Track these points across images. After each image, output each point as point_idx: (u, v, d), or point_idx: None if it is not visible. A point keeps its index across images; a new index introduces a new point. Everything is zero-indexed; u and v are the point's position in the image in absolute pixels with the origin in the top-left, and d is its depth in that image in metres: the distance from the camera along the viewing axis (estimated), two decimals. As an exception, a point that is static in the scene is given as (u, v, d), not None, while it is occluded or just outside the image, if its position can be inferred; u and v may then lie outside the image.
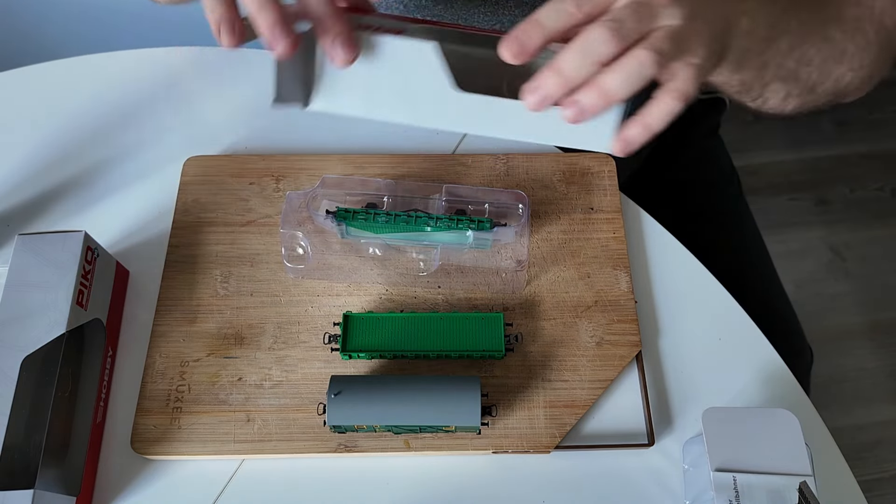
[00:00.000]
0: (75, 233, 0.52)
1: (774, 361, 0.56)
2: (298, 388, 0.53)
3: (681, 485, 0.51)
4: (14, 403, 0.46)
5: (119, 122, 0.66)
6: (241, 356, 0.55)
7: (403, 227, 0.54)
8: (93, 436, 0.51)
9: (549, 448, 0.51)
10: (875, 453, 1.25)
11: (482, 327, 0.54)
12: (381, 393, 0.49)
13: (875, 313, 1.38)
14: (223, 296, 0.57)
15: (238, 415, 0.52)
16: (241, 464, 0.52)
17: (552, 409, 0.53)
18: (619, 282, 0.57)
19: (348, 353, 0.54)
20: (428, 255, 0.56)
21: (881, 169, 1.56)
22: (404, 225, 0.54)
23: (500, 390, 0.53)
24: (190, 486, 0.51)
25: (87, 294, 0.51)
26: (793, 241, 1.47)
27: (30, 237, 0.52)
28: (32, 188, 0.63)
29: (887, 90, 1.82)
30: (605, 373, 0.54)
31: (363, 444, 0.51)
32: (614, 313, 0.56)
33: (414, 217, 0.54)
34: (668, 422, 0.53)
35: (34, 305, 0.49)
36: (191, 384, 0.53)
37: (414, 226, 0.54)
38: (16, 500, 0.43)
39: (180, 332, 0.55)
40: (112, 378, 0.55)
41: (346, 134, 0.66)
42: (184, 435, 0.52)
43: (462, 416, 0.49)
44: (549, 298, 0.57)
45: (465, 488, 0.51)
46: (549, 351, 0.55)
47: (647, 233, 0.61)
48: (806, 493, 0.41)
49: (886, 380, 1.32)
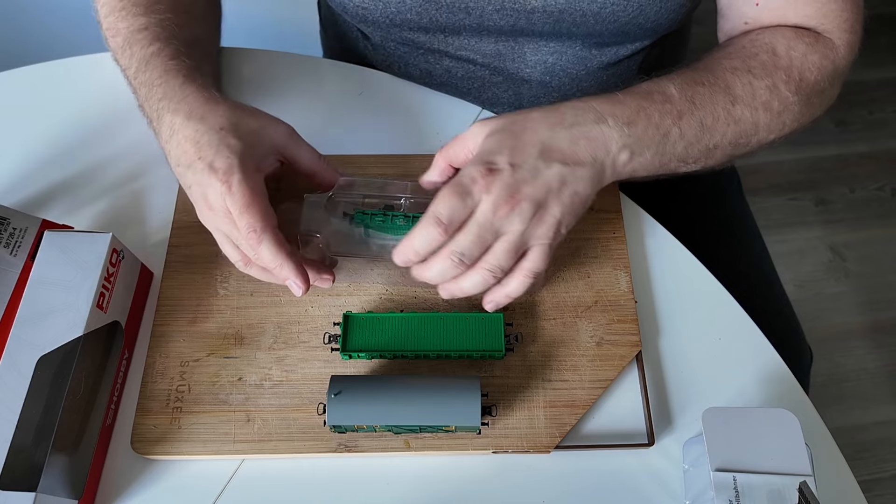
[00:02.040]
0: (103, 234, 0.52)
1: (774, 361, 0.56)
2: (298, 388, 0.53)
3: (681, 485, 0.51)
4: (26, 402, 0.46)
5: (119, 121, 0.66)
6: (241, 356, 0.55)
7: None
8: (101, 439, 0.51)
9: (549, 448, 0.51)
10: (875, 453, 1.25)
11: (482, 327, 0.54)
12: (381, 393, 0.49)
13: (875, 313, 1.39)
14: (223, 296, 0.57)
15: (238, 415, 0.52)
16: (240, 464, 0.52)
17: (552, 409, 0.53)
18: (619, 282, 0.57)
19: (348, 353, 0.54)
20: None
21: (881, 169, 1.56)
22: None
23: (501, 390, 0.53)
24: (191, 487, 0.51)
25: (108, 297, 0.51)
26: (793, 241, 1.47)
27: (58, 234, 0.52)
28: (32, 186, 0.63)
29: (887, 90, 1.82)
30: (605, 373, 0.54)
31: (363, 444, 0.51)
32: (614, 313, 0.56)
33: None
34: (668, 422, 0.53)
35: (55, 304, 0.49)
36: (191, 384, 0.53)
37: None
38: (17, 501, 0.43)
39: (180, 332, 0.55)
40: (126, 381, 0.55)
41: (346, 134, 0.66)
42: (184, 435, 0.52)
43: (462, 417, 0.49)
44: (549, 298, 0.57)
45: (464, 488, 0.51)
46: (549, 351, 0.55)
47: (648, 233, 0.61)
48: (806, 493, 0.41)
49: (886, 380, 1.32)
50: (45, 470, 0.45)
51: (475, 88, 0.74)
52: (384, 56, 0.75)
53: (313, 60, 0.72)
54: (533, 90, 0.73)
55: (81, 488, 0.49)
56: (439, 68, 0.73)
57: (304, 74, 0.70)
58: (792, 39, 0.56)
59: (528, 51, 0.69)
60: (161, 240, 0.60)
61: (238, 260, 0.52)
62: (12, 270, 0.52)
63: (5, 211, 0.53)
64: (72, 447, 0.48)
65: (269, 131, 0.53)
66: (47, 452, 0.45)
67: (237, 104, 0.53)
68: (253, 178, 0.50)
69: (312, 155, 0.55)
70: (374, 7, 0.65)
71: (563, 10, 0.62)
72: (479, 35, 0.68)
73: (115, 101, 0.67)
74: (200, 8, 0.63)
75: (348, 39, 0.79)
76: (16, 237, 0.52)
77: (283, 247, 0.50)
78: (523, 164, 0.47)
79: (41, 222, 0.54)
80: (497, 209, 0.46)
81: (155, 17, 0.58)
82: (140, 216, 0.62)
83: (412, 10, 0.64)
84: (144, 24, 0.58)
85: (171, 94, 0.52)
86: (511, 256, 0.47)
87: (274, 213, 0.50)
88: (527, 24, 0.65)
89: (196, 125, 0.50)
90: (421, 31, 0.68)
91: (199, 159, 0.49)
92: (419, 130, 0.66)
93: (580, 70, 0.70)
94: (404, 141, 0.66)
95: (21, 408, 0.45)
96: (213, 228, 0.52)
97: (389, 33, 0.70)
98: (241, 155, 0.50)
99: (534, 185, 0.47)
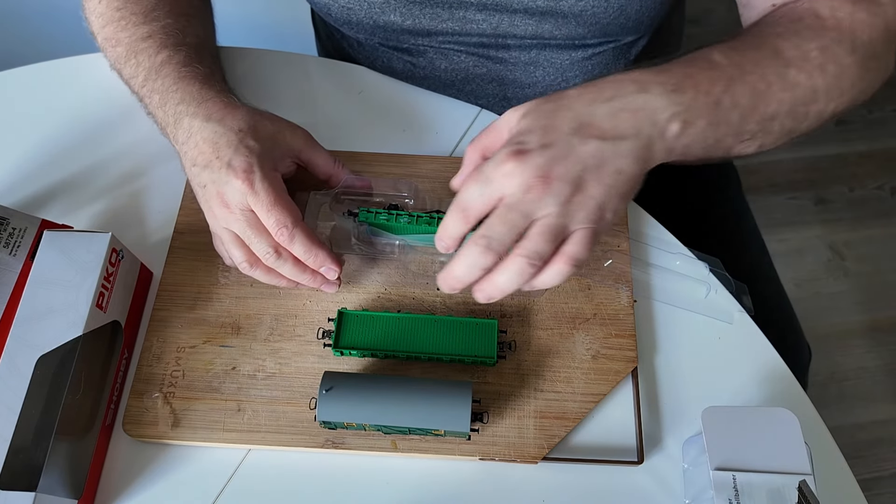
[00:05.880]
0: (102, 234, 0.52)
1: (774, 360, 0.56)
2: (291, 382, 0.53)
3: (681, 485, 0.51)
4: (26, 402, 0.46)
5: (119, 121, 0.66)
6: (236, 346, 0.55)
7: (426, 227, 0.54)
8: (100, 438, 0.51)
9: (536, 459, 0.51)
10: (874, 452, 1.25)
11: (475, 333, 0.54)
12: (373, 392, 0.49)
13: (874, 312, 1.38)
14: (223, 284, 0.57)
15: (229, 404, 0.52)
16: (237, 468, 0.52)
17: (542, 419, 0.52)
18: (620, 295, 0.57)
19: (340, 350, 0.54)
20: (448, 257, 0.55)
21: (881, 168, 1.56)
22: (426, 226, 0.54)
23: (492, 397, 0.53)
24: (191, 487, 0.51)
25: (107, 296, 0.51)
26: (792, 240, 1.47)
27: (57, 234, 0.52)
28: (32, 186, 0.63)
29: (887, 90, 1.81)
30: (599, 387, 0.53)
31: (350, 442, 0.51)
32: (612, 327, 0.56)
33: (437, 218, 0.54)
34: (668, 422, 0.53)
35: (55, 304, 0.49)
36: (185, 370, 0.54)
37: (436, 227, 0.54)
38: (17, 501, 0.43)
39: (179, 317, 0.56)
40: (125, 380, 0.55)
41: (346, 134, 0.66)
42: (175, 420, 0.52)
43: (452, 421, 0.48)
44: (547, 308, 0.56)
45: (449, 493, 0.51)
46: (543, 361, 0.54)
47: (647, 232, 0.61)
48: (805, 492, 0.41)
49: (886, 378, 1.32)
50: (45, 469, 0.45)
51: (458, 80, 0.74)
52: (368, 52, 0.75)
53: (309, 59, 0.71)
54: (517, 81, 0.73)
55: (81, 487, 0.49)
56: (423, 61, 0.73)
57: (299, 73, 0.70)
58: (834, 0, 0.51)
59: (511, 43, 0.69)
60: (160, 239, 0.60)
61: (243, 261, 0.52)
62: (12, 270, 0.52)
63: (5, 211, 0.53)
64: (71, 446, 0.48)
65: (286, 135, 0.54)
66: (47, 452, 0.45)
67: (255, 109, 0.54)
68: (272, 176, 0.51)
69: (328, 159, 0.56)
70: (358, 8, 0.65)
71: (545, 13, 0.63)
72: (462, 34, 0.68)
73: (115, 101, 0.66)
74: (196, 9, 0.63)
75: (334, 38, 0.80)
76: (15, 237, 0.52)
77: (314, 238, 0.51)
78: (556, 141, 0.43)
79: (41, 222, 0.54)
80: (528, 190, 0.42)
81: (156, 25, 0.58)
82: (140, 216, 0.62)
83: (396, 11, 0.65)
84: (147, 32, 0.58)
85: (190, 98, 0.53)
86: (549, 241, 0.42)
87: (297, 208, 0.51)
88: (509, 26, 0.65)
89: (215, 127, 0.51)
90: (405, 33, 0.68)
91: (216, 158, 0.50)
92: (419, 130, 0.66)
93: (564, 60, 0.70)
94: (404, 141, 0.66)
95: (21, 407, 0.45)
96: (222, 229, 0.52)
97: (373, 34, 0.70)
98: (260, 155, 0.51)
99: (568, 164, 0.42)
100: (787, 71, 0.48)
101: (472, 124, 0.67)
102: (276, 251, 0.51)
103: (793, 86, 0.48)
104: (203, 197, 0.52)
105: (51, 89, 0.69)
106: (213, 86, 0.55)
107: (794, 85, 0.48)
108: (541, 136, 0.43)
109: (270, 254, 0.51)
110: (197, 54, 0.58)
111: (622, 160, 0.43)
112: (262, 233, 0.50)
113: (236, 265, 0.53)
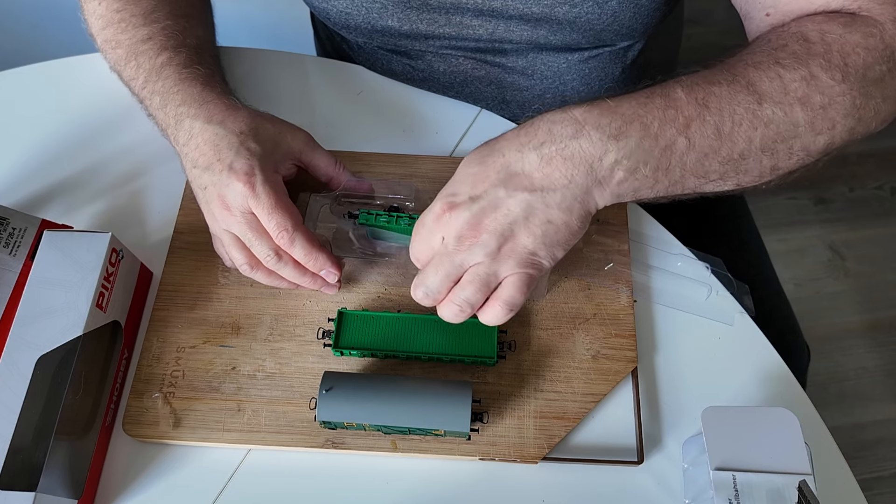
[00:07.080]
0: (102, 234, 0.52)
1: (774, 360, 0.56)
2: (291, 382, 0.53)
3: (681, 485, 0.51)
4: (26, 402, 0.46)
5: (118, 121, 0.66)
6: (236, 346, 0.55)
7: None
8: (100, 438, 0.51)
9: (536, 459, 0.51)
10: (874, 452, 1.25)
11: (475, 333, 0.54)
12: (373, 392, 0.49)
13: (874, 312, 1.38)
14: (223, 284, 0.57)
15: (229, 403, 0.53)
16: (236, 468, 0.52)
17: (542, 419, 0.52)
18: (620, 296, 0.57)
19: (340, 350, 0.54)
20: None
21: (880, 168, 1.56)
22: None
23: (492, 397, 0.53)
24: (191, 486, 0.51)
25: (107, 296, 0.51)
26: (792, 240, 1.47)
27: (57, 234, 0.52)
28: (32, 186, 0.63)
29: (886, 89, 1.81)
30: (599, 387, 0.53)
31: (350, 442, 0.51)
32: (612, 327, 0.56)
33: None
34: (668, 422, 0.53)
35: (54, 304, 0.49)
36: (185, 370, 0.54)
37: None
38: (17, 501, 0.43)
39: (179, 317, 0.56)
40: (125, 380, 0.55)
41: (345, 134, 0.66)
42: (174, 420, 0.52)
43: (452, 421, 0.49)
44: (547, 307, 0.56)
45: (449, 493, 0.51)
46: (543, 361, 0.54)
47: (648, 233, 0.61)
48: (805, 492, 0.41)
49: (885, 379, 1.32)
50: (45, 469, 0.45)
51: (457, 83, 0.74)
52: (367, 54, 0.75)
53: (308, 59, 0.71)
54: (515, 84, 0.73)
55: (81, 487, 0.49)
56: (421, 64, 0.73)
57: (299, 73, 0.70)
58: (823, 23, 0.48)
59: (507, 48, 0.69)
60: (161, 239, 0.60)
61: (244, 263, 0.52)
62: (12, 270, 0.52)
63: (5, 211, 0.53)
64: (71, 446, 0.48)
65: (287, 138, 0.54)
66: (47, 452, 0.45)
67: (256, 111, 0.54)
68: (273, 178, 0.51)
69: (329, 161, 0.56)
70: (356, 13, 0.65)
71: (540, 19, 0.63)
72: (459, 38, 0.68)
73: (115, 101, 0.66)
74: (196, 10, 0.63)
75: (334, 40, 0.80)
76: (15, 237, 0.52)
77: (314, 241, 0.51)
78: (483, 194, 0.44)
79: (41, 222, 0.54)
80: (460, 241, 0.44)
81: (157, 27, 0.58)
82: (140, 216, 0.62)
83: (393, 16, 0.65)
84: (147, 34, 0.58)
85: (191, 100, 0.53)
86: (479, 289, 0.45)
87: (298, 211, 0.52)
88: (505, 31, 0.65)
89: (216, 129, 0.51)
90: (403, 37, 0.68)
91: (217, 161, 0.50)
92: (419, 130, 0.66)
93: (561, 63, 0.70)
94: (404, 141, 0.66)
95: (21, 407, 0.45)
96: (222, 231, 0.52)
97: (371, 38, 0.70)
98: (261, 158, 0.51)
99: (497, 216, 0.44)
100: (759, 107, 0.45)
101: (473, 124, 0.67)
102: (276, 254, 0.51)
103: (766, 122, 0.45)
104: (203, 199, 0.52)
105: (51, 89, 0.69)
106: (214, 87, 0.55)
107: (767, 121, 0.45)
108: (471, 187, 0.45)
109: (271, 256, 0.51)
110: (197, 56, 0.58)
111: (551, 211, 0.44)
112: (262, 235, 0.51)
113: (236, 267, 0.53)
